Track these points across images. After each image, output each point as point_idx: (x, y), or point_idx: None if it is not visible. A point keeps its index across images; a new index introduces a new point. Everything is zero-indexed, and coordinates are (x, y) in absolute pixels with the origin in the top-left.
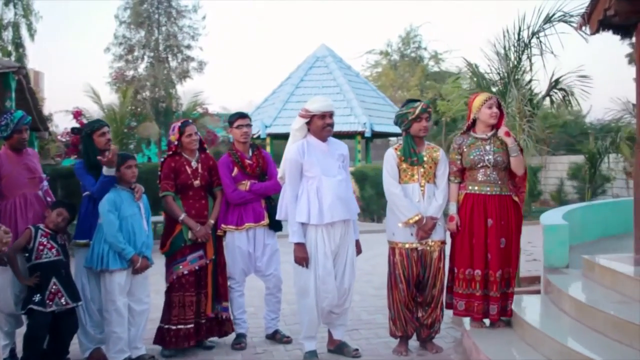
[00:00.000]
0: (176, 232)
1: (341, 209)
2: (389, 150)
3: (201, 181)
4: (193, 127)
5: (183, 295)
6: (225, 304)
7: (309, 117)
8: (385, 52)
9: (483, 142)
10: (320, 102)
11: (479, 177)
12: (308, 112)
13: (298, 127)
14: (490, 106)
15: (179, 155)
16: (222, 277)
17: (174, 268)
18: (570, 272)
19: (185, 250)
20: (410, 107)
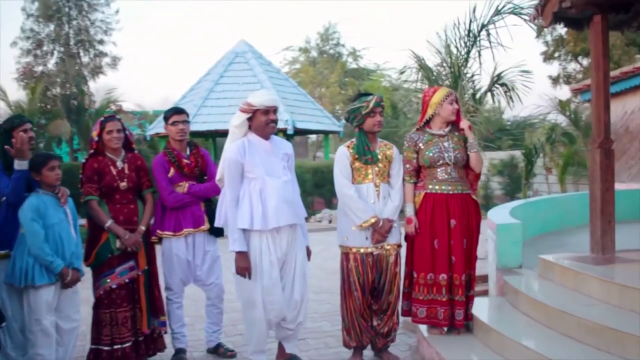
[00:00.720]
0: (102, 241)
1: (288, 213)
2: (341, 149)
3: (128, 183)
4: (116, 123)
5: (115, 311)
6: (163, 318)
7: (252, 112)
8: (304, 48)
9: (440, 139)
10: (264, 95)
11: (440, 176)
12: (251, 106)
13: (238, 123)
14: (452, 102)
15: (102, 155)
16: (157, 288)
17: (101, 282)
18: (526, 273)
19: (113, 261)
20: (363, 101)
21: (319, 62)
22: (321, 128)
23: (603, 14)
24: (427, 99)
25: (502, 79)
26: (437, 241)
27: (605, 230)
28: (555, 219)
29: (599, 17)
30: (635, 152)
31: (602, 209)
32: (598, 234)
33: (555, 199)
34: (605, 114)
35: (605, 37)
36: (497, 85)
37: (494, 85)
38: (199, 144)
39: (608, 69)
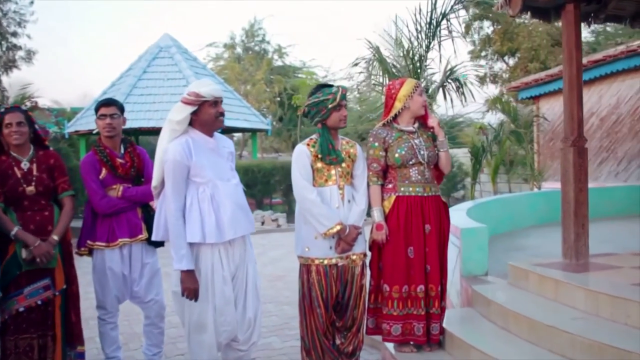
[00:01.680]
0: (9, 255)
1: (244, 221)
2: (300, 147)
3: (37, 187)
4: (16, 115)
5: (18, 338)
6: (80, 349)
7: (199, 103)
8: (229, 44)
9: (410, 136)
10: (212, 84)
11: (413, 177)
12: (199, 97)
13: (181, 118)
14: (421, 94)
15: (5, 154)
16: (75, 312)
17: (7, 305)
18: (494, 281)
19: (22, 279)
20: (329, 93)
21: (244, 59)
22: (249, 126)
23: (575, 3)
24: (393, 91)
25: (454, 73)
26: (412, 249)
27: (579, 235)
28: (505, 220)
29: (571, 6)
30: (592, 154)
31: (576, 211)
32: (571, 238)
33: (504, 199)
34: (579, 110)
35: (578, 27)
36: (450, 81)
37: (446, 80)
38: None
39: (581, 61)
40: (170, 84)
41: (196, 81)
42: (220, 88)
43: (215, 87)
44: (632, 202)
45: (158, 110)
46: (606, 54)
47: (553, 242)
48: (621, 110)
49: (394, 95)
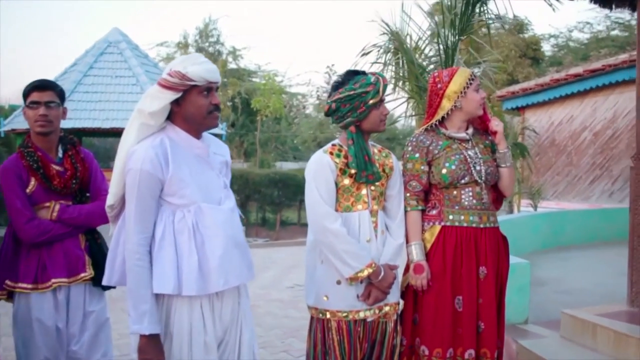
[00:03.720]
0: None
1: (240, 265)
2: (321, 157)
3: None
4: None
5: None
6: None
7: (184, 89)
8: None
9: (463, 145)
10: (206, 62)
11: (465, 201)
12: (185, 79)
13: (157, 108)
14: (477, 89)
15: None
16: None
17: None
18: (542, 332)
19: None
20: (368, 84)
21: None
22: None
23: None
24: (440, 85)
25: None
26: (461, 299)
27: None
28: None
29: None
30: (563, 166)
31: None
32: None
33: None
34: None
35: None
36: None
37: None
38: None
39: None
40: (118, 82)
41: (182, 56)
42: (216, 68)
43: (210, 67)
44: None
45: (104, 110)
46: (606, 62)
47: (573, 273)
48: (618, 125)
49: (440, 91)
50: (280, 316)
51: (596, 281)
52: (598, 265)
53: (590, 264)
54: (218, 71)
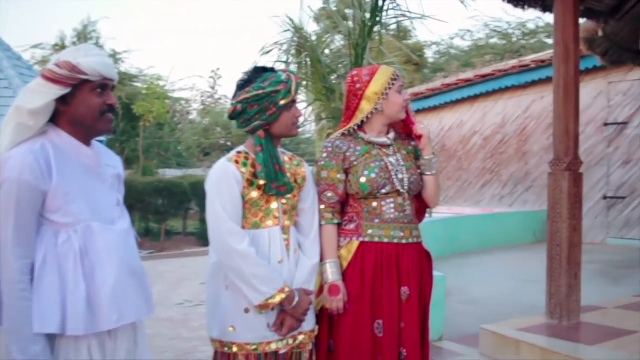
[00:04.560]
0: None
1: (137, 297)
2: (224, 166)
3: None
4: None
5: None
6: None
7: (74, 83)
8: (59, 47)
9: (383, 152)
10: (100, 55)
11: (386, 214)
12: (76, 71)
13: (39, 105)
14: (401, 89)
15: None
16: None
17: None
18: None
19: None
20: (278, 82)
21: None
22: None
23: None
24: (359, 85)
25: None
26: (381, 324)
27: (572, 287)
28: None
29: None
30: (454, 171)
31: (570, 257)
32: (562, 292)
33: None
34: (575, 123)
35: (576, 15)
36: None
37: None
38: None
39: (579, 60)
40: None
41: (74, 47)
42: (112, 63)
43: (106, 61)
44: (525, 230)
45: None
46: (496, 68)
47: (475, 281)
48: (507, 130)
49: (360, 92)
50: (171, 337)
51: (500, 289)
52: (498, 271)
53: (489, 271)
54: (114, 67)
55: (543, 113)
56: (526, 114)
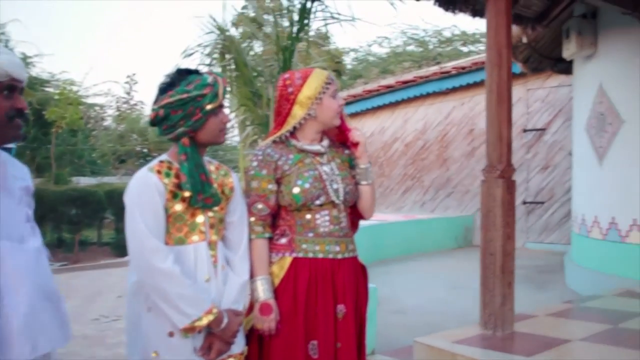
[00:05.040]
0: None
1: (52, 324)
2: (146, 176)
3: None
4: None
5: None
6: None
7: None
8: None
9: (317, 160)
10: (7, 54)
11: (321, 227)
12: None
13: None
14: (335, 94)
15: None
16: None
17: None
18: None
19: None
20: (204, 85)
21: None
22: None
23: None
24: (291, 89)
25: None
26: (316, 344)
27: (506, 297)
28: None
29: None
30: (375, 178)
31: (503, 267)
32: (496, 302)
33: None
34: (508, 129)
35: (509, 19)
36: None
37: None
38: None
39: (511, 65)
40: None
41: None
42: (22, 63)
43: (15, 60)
44: (447, 235)
45: None
46: (417, 74)
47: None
48: (428, 136)
49: (292, 96)
50: (86, 357)
51: (428, 297)
52: (424, 278)
53: (416, 278)
54: (24, 67)
55: (463, 119)
56: (447, 120)
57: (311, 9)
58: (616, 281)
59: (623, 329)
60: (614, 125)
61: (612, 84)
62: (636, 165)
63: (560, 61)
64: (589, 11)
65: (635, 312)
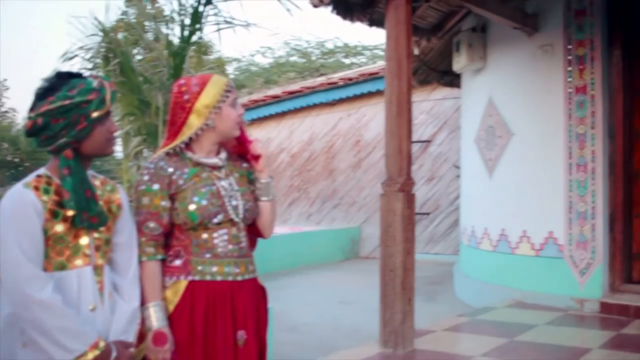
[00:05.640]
0: None
1: None
2: (20, 193)
3: None
4: None
5: None
6: None
7: None
8: None
9: (214, 174)
10: None
11: (219, 246)
12: None
13: None
14: (235, 103)
15: None
16: None
17: None
18: None
19: None
20: (90, 91)
21: None
22: None
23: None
24: (187, 97)
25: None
26: None
27: (406, 314)
28: None
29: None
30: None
31: (404, 282)
32: (397, 319)
33: None
34: (408, 141)
35: (409, 28)
36: None
37: None
38: None
39: (411, 76)
40: None
41: None
42: None
43: None
44: (334, 248)
45: None
46: (304, 85)
47: (292, 304)
48: (314, 147)
49: (188, 104)
50: None
51: (319, 312)
52: (313, 293)
53: (305, 293)
54: None
55: (350, 130)
56: (333, 131)
57: (203, 13)
58: (506, 292)
59: (520, 342)
60: (504, 138)
61: (502, 98)
62: (526, 177)
63: (446, 74)
64: (478, 25)
65: (529, 324)
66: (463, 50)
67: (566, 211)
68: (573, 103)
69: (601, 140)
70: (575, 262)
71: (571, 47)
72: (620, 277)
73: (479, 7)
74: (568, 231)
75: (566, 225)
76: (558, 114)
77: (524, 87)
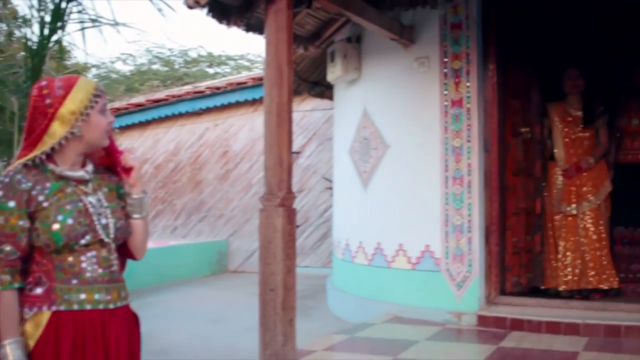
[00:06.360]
0: None
1: None
2: None
3: None
4: None
5: None
6: None
7: None
8: None
9: (80, 189)
10: None
11: (87, 271)
12: None
13: None
14: (105, 109)
15: None
16: None
17: None
18: None
19: None
20: None
21: None
22: None
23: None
24: (49, 101)
25: None
26: None
27: (287, 335)
28: None
29: (284, 3)
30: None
31: (285, 302)
32: (278, 341)
33: None
34: (289, 153)
35: (291, 33)
36: None
37: None
38: None
39: (292, 84)
40: None
41: None
42: None
43: None
44: (201, 262)
45: None
46: (169, 93)
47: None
48: (180, 158)
49: (51, 110)
50: None
51: (190, 332)
52: (181, 310)
53: (172, 310)
54: None
55: (217, 141)
56: (200, 142)
57: (66, 10)
58: (383, 307)
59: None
60: (379, 150)
61: (377, 109)
62: (402, 190)
63: (316, 85)
64: (354, 35)
65: (410, 340)
66: (338, 61)
67: (442, 224)
68: (449, 116)
69: (477, 154)
70: (452, 275)
71: (447, 60)
72: (496, 289)
73: (358, 15)
74: (444, 244)
75: (442, 239)
76: (434, 126)
77: (400, 99)
